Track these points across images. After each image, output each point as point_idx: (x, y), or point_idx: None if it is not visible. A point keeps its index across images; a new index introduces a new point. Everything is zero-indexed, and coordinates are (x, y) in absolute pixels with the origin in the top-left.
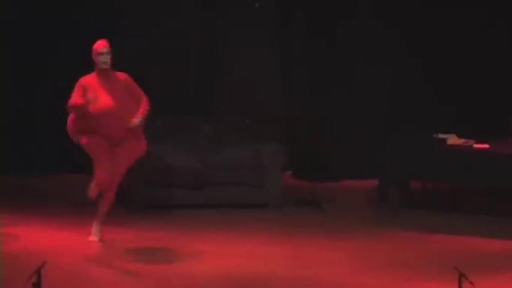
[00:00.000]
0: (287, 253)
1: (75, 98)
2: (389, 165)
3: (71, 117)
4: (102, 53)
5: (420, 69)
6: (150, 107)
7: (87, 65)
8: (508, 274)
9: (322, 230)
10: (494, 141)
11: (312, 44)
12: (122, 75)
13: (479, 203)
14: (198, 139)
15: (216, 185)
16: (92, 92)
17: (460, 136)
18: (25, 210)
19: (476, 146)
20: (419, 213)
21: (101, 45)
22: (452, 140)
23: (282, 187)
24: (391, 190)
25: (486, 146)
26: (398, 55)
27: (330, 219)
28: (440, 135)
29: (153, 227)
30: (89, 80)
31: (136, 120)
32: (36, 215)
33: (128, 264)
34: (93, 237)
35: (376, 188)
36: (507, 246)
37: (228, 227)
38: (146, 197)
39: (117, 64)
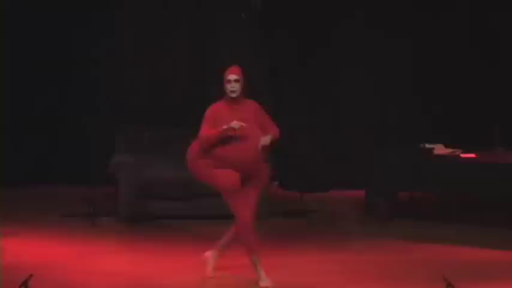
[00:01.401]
0: (275, 264)
1: (206, 131)
2: (376, 175)
3: (204, 138)
4: (229, 81)
5: (407, 80)
6: (279, 137)
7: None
8: (495, 284)
9: (310, 240)
10: (480, 151)
11: (300, 54)
12: (252, 104)
13: (466, 213)
14: (185, 150)
15: (203, 196)
16: (223, 123)
17: (446, 146)
18: (12, 222)
19: (463, 155)
20: (407, 223)
21: (230, 72)
22: (439, 149)
23: (269, 197)
24: (379, 200)
25: (473, 155)
26: (386, 66)
27: (318, 230)
28: (427, 145)
29: (140, 239)
30: (219, 109)
31: (265, 139)
32: (23, 227)
33: (114, 277)
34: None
35: (363, 199)
36: (495, 256)
37: (215, 239)
38: (133, 208)
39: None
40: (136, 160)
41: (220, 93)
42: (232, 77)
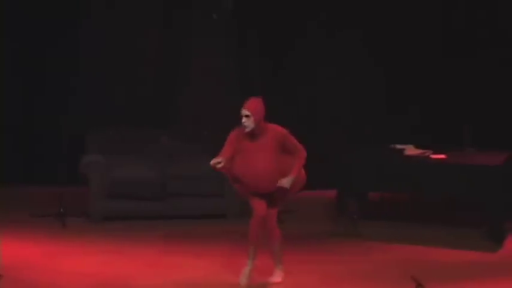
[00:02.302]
0: (246, 264)
1: (223, 154)
2: (347, 176)
3: None
4: (242, 116)
5: (377, 81)
6: (305, 161)
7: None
8: (464, 284)
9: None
10: (451, 152)
11: (272, 55)
12: (275, 130)
13: (436, 213)
14: (157, 150)
15: (176, 196)
16: (242, 152)
17: (417, 147)
18: None
19: (433, 156)
20: (378, 224)
21: (244, 107)
22: (410, 150)
23: (241, 198)
24: (349, 201)
25: (443, 156)
26: (359, 67)
27: (290, 231)
28: (398, 146)
29: (110, 239)
30: (239, 135)
31: (286, 181)
32: None
33: (84, 277)
34: (277, 279)
35: (334, 199)
36: (464, 256)
37: (187, 238)
38: (105, 209)
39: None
40: (107, 160)
41: (190, 93)
42: (243, 112)
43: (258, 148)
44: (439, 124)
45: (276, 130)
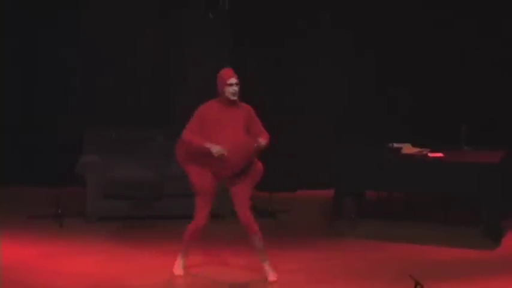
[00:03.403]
0: (244, 263)
1: (191, 130)
2: (344, 175)
3: (185, 139)
4: (231, 84)
5: (374, 79)
6: (269, 143)
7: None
8: (462, 282)
9: (278, 240)
10: (448, 150)
11: (265, 55)
12: (245, 108)
13: (433, 212)
14: (153, 150)
15: (172, 196)
16: (212, 125)
17: (414, 145)
18: None
19: (430, 154)
20: (375, 222)
21: (230, 75)
22: (407, 149)
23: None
24: (346, 200)
25: (440, 154)
26: (353, 65)
27: (286, 230)
28: (395, 145)
29: (108, 239)
30: (211, 109)
31: (262, 140)
32: None
33: (82, 277)
34: (272, 277)
35: (331, 198)
36: (462, 254)
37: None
38: (102, 209)
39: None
40: (104, 160)
41: (186, 93)
42: (233, 80)
43: (232, 118)
44: (436, 123)
45: (247, 106)
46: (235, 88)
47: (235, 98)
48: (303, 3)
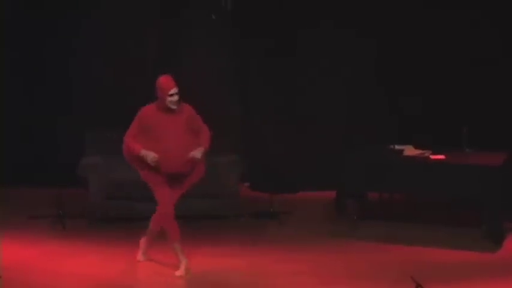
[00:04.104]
0: (245, 265)
1: (130, 136)
2: (346, 176)
3: (125, 143)
4: (172, 95)
5: (377, 81)
6: (211, 141)
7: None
8: (463, 284)
9: (280, 241)
10: (450, 152)
11: (269, 56)
12: (186, 108)
13: (435, 213)
14: None
15: None
16: (154, 130)
17: (416, 147)
18: None
19: (432, 156)
20: (377, 224)
21: (170, 85)
22: (409, 151)
23: (239, 198)
24: (348, 201)
25: (442, 156)
26: (355, 67)
27: (288, 231)
28: (397, 146)
29: (110, 240)
30: (151, 113)
31: (196, 153)
32: None
33: (84, 278)
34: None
35: (333, 200)
36: (463, 256)
37: (185, 239)
38: (104, 210)
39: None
40: (105, 161)
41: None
42: (174, 90)
43: (171, 125)
44: (437, 125)
45: (187, 107)
46: (176, 98)
47: (175, 107)
48: (305, 5)
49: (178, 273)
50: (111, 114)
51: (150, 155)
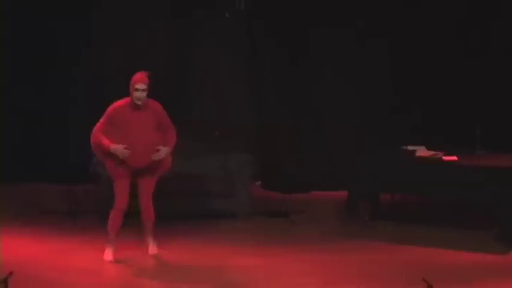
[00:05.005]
0: (258, 264)
1: (98, 130)
2: (358, 176)
3: (94, 137)
4: (137, 89)
5: (389, 82)
6: (177, 140)
7: None
8: (474, 286)
9: (291, 241)
10: (462, 153)
11: (281, 56)
12: (154, 106)
13: (447, 214)
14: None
15: (185, 195)
16: (121, 127)
17: (429, 148)
18: None
19: (445, 158)
20: (388, 224)
21: (138, 80)
22: (421, 152)
23: (251, 197)
24: (360, 202)
25: (455, 158)
26: (368, 68)
27: (300, 231)
28: (410, 147)
29: (121, 236)
30: (121, 109)
31: (160, 153)
32: (3, 224)
33: (95, 274)
34: (154, 250)
35: (345, 200)
36: (475, 258)
37: (196, 237)
38: None
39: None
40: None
41: (201, 93)
42: (140, 86)
43: (139, 121)
44: (450, 126)
45: (155, 104)
46: (143, 94)
47: (139, 103)
48: (319, 5)
49: (106, 257)
50: None
51: (120, 149)
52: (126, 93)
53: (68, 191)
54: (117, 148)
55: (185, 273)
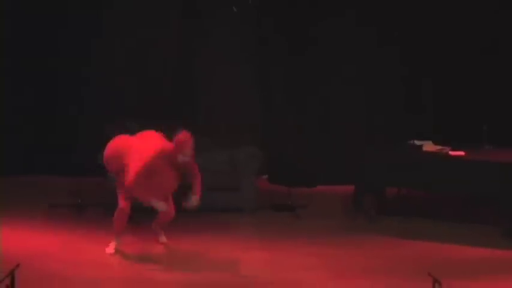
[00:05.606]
0: (264, 258)
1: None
2: (365, 171)
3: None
4: (186, 155)
5: (397, 76)
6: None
7: None
8: (481, 281)
9: (297, 235)
10: (469, 148)
11: (288, 51)
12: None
13: (454, 209)
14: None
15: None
16: (159, 174)
17: (435, 143)
18: (0, 212)
19: (451, 153)
20: (395, 219)
21: (188, 147)
22: (428, 146)
23: (257, 191)
24: (367, 196)
25: (461, 153)
26: (375, 64)
27: (306, 225)
28: (416, 142)
29: (128, 229)
30: (157, 161)
31: (193, 203)
32: (11, 217)
33: (101, 267)
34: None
35: (351, 194)
36: (482, 253)
37: (203, 231)
38: None
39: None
40: None
41: (210, 89)
42: (190, 152)
43: (171, 168)
44: (457, 121)
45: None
46: (188, 159)
47: (181, 162)
48: (326, 2)
49: (107, 250)
50: (130, 106)
51: (161, 205)
52: (133, 88)
53: (74, 184)
54: (158, 203)
55: (192, 267)
